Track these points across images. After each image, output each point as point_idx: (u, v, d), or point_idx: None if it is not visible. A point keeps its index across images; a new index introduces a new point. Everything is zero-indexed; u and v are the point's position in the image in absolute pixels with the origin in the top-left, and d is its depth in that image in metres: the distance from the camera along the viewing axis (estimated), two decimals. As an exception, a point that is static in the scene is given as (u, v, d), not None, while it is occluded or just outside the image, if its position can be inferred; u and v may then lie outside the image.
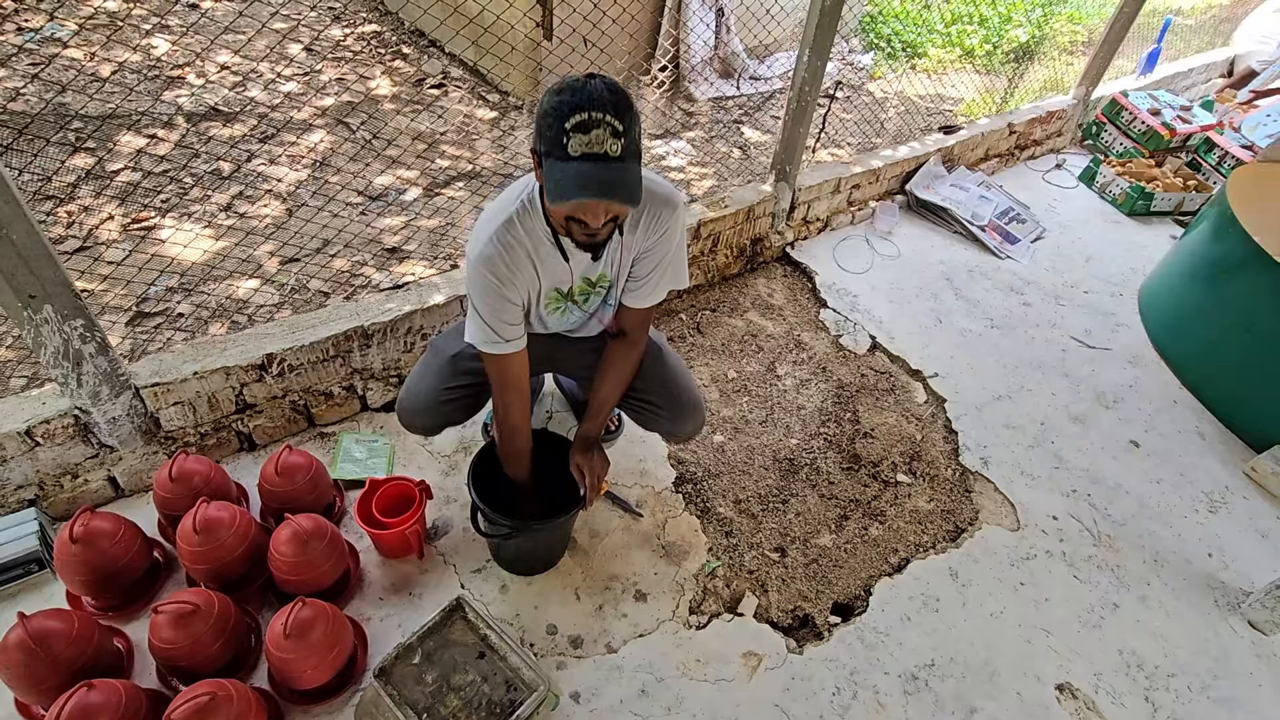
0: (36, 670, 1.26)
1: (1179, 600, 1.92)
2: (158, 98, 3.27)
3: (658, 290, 1.52)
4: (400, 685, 1.39)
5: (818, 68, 2.49)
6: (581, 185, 1.12)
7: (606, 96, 1.12)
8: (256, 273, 2.47)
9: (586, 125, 1.10)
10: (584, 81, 1.12)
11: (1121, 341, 2.83)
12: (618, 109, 1.12)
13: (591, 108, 1.10)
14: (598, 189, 1.13)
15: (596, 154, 1.12)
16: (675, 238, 1.47)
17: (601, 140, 1.11)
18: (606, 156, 1.12)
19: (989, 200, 3.41)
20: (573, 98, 1.11)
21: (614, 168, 1.13)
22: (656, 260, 1.47)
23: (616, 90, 1.14)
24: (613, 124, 1.11)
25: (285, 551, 1.47)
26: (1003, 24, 5.64)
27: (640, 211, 1.40)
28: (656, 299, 1.54)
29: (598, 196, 1.14)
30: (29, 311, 1.42)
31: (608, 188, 1.14)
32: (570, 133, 1.11)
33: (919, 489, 2.11)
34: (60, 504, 1.68)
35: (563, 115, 1.11)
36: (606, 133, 1.11)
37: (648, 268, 1.48)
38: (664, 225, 1.42)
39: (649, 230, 1.42)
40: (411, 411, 1.65)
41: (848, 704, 1.58)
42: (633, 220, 1.41)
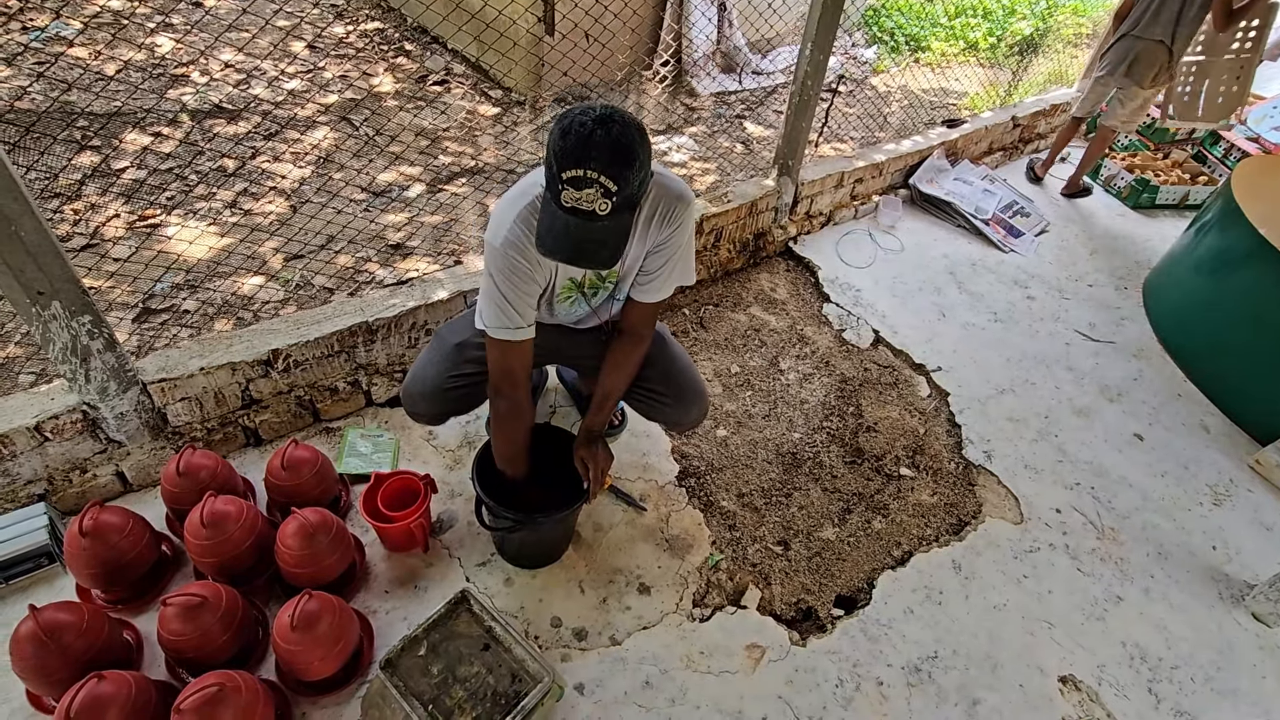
0: (48, 662, 1.28)
1: (1183, 593, 1.92)
2: (162, 96, 3.28)
3: (666, 286, 1.53)
4: (406, 677, 1.40)
5: (820, 61, 2.49)
6: (560, 245, 1.19)
7: (606, 154, 1.11)
8: (261, 269, 2.48)
9: (579, 182, 1.12)
10: (590, 130, 1.11)
11: (1126, 335, 2.82)
12: (615, 165, 1.12)
13: (588, 165, 1.11)
14: (573, 253, 1.19)
15: (584, 211, 1.15)
16: (686, 233, 1.47)
17: (592, 199, 1.14)
18: (594, 215, 1.15)
19: (992, 194, 3.40)
20: (574, 148, 1.12)
21: (597, 227, 1.17)
22: (668, 256, 1.48)
23: (623, 141, 1.13)
24: (605, 185, 1.12)
25: (292, 545, 1.48)
26: (1007, 17, 5.61)
27: (654, 209, 1.41)
28: (664, 295, 1.54)
29: (569, 260, 1.21)
30: (37, 308, 1.43)
31: (582, 253, 1.20)
32: (564, 184, 1.13)
33: (922, 482, 2.11)
34: (69, 499, 1.69)
35: (562, 164, 1.13)
36: (598, 193, 1.13)
37: (659, 263, 1.49)
38: (677, 220, 1.43)
39: (662, 225, 1.43)
40: (415, 397, 1.66)
41: (851, 695, 1.59)
42: (646, 217, 1.41)
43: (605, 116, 1.13)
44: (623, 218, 1.20)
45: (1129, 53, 3.22)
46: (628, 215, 1.21)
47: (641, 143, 1.17)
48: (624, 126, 1.14)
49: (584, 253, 1.20)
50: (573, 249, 1.19)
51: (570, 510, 1.58)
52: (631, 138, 1.14)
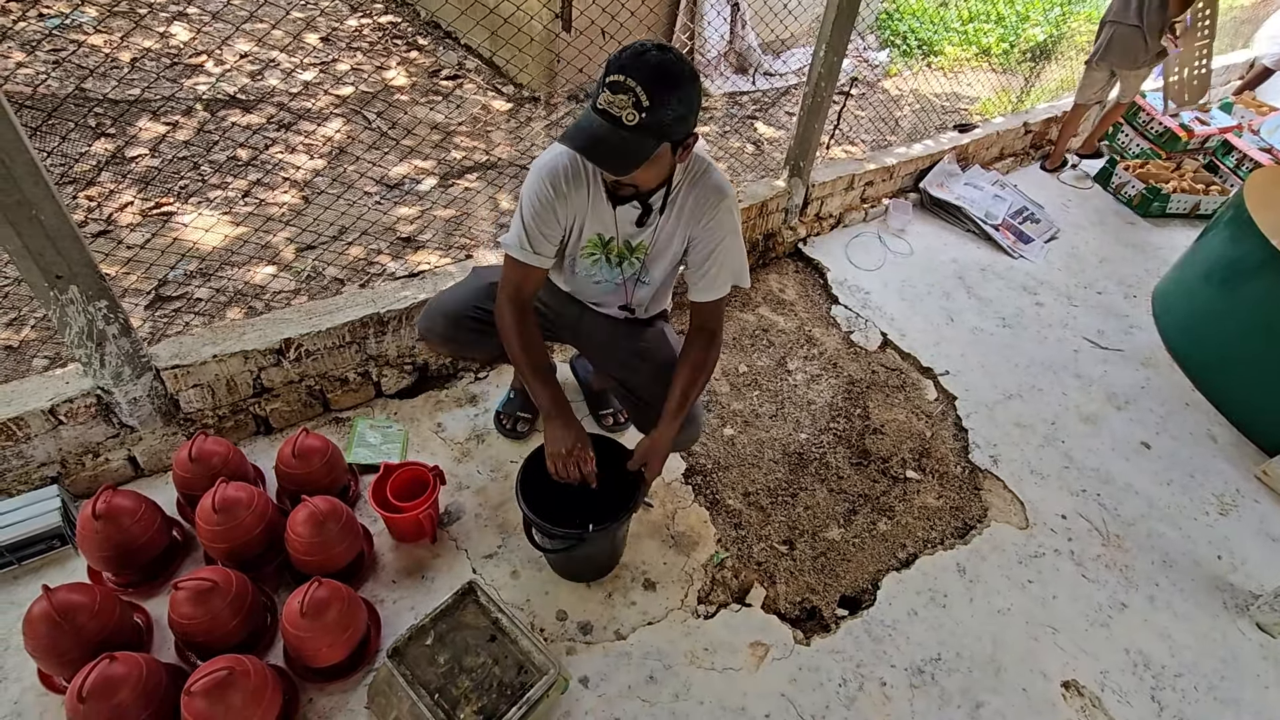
0: (60, 642, 1.29)
1: (1187, 601, 1.92)
2: (177, 85, 3.30)
3: (719, 281, 1.52)
4: (413, 666, 1.41)
5: (834, 63, 2.49)
6: (579, 136, 1.22)
7: (650, 70, 1.17)
8: (274, 259, 2.50)
9: (617, 87, 1.17)
10: (647, 49, 1.18)
11: (1134, 343, 2.82)
12: (656, 84, 1.17)
13: (630, 73, 1.17)
14: (588, 146, 1.22)
15: (612, 115, 1.19)
16: (725, 228, 1.48)
17: (622, 105, 1.18)
18: (620, 121, 1.19)
19: (1003, 199, 3.40)
20: (625, 57, 1.19)
21: (619, 134, 1.20)
22: (710, 249, 1.49)
23: (669, 68, 1.19)
24: (639, 95, 1.17)
25: (302, 532, 1.49)
26: (1020, 23, 5.61)
27: (693, 193, 1.44)
28: (718, 292, 1.54)
29: (583, 152, 1.23)
30: (55, 291, 1.44)
31: (598, 149, 1.22)
32: (604, 88, 1.19)
33: (928, 485, 2.11)
34: (82, 482, 1.71)
35: (609, 68, 1.19)
36: (629, 100, 1.17)
37: (701, 255, 1.50)
38: (710, 212, 1.45)
39: (696, 213, 1.45)
40: (435, 315, 1.66)
41: (854, 695, 1.59)
42: (683, 200, 1.45)
43: (665, 46, 1.21)
44: (646, 139, 1.22)
45: (1109, 38, 3.54)
46: (653, 141, 1.23)
47: (688, 79, 1.22)
48: (678, 60, 1.21)
49: (597, 151, 1.22)
50: (589, 143, 1.22)
51: (619, 523, 1.52)
52: (681, 70, 1.21)
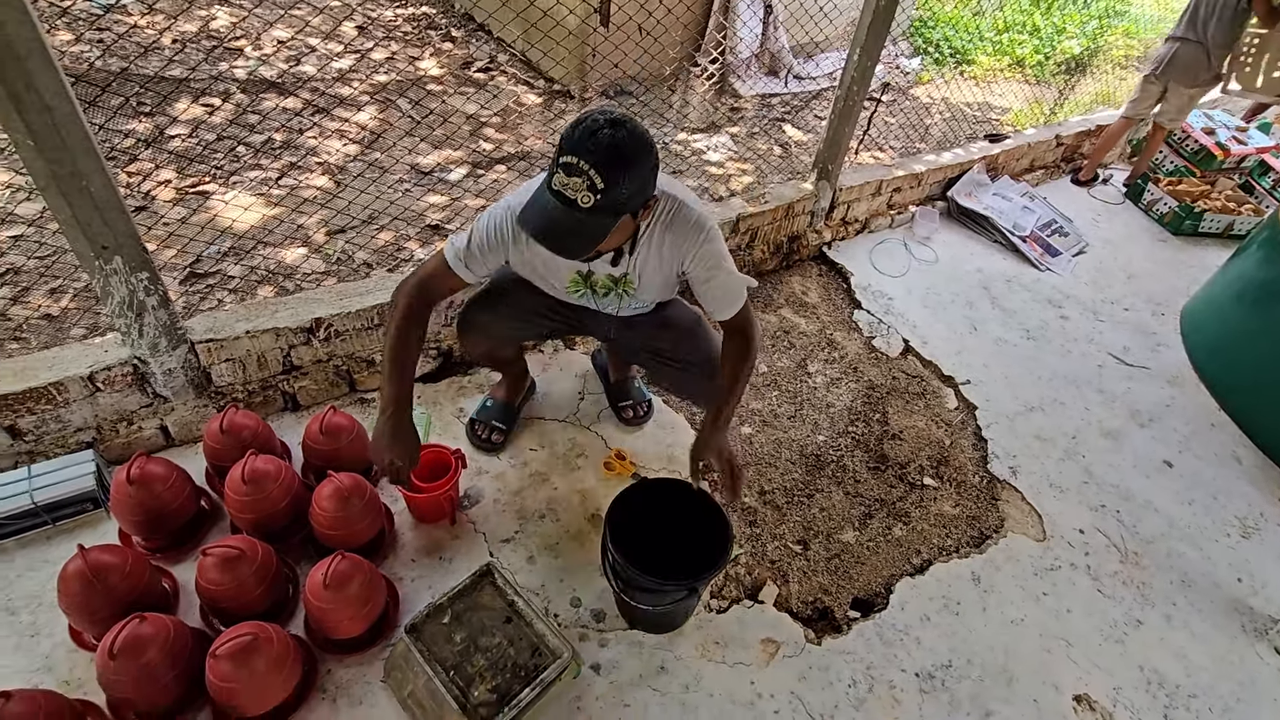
0: (92, 600, 1.33)
1: (1205, 622, 1.90)
2: (216, 68, 3.37)
3: (729, 298, 1.55)
4: (430, 642, 1.43)
5: (868, 68, 2.49)
6: (539, 222, 1.23)
7: (605, 151, 1.16)
8: (305, 241, 2.54)
9: (570, 169, 1.17)
10: (599, 127, 1.17)
11: (1161, 361, 2.79)
12: (609, 165, 1.17)
13: (583, 155, 1.16)
14: (543, 232, 1.23)
15: (567, 198, 1.19)
16: (715, 260, 1.50)
17: (577, 188, 1.18)
18: (575, 204, 1.19)
19: (1031, 211, 3.37)
20: (578, 137, 1.17)
21: (575, 216, 1.21)
22: (707, 279, 1.53)
23: (621, 147, 1.17)
24: (592, 178, 1.16)
25: (327, 507, 1.52)
26: (1056, 35, 5.55)
27: (669, 234, 1.47)
28: (731, 310, 1.56)
29: (537, 237, 1.25)
30: (100, 261, 1.49)
31: (550, 235, 1.23)
32: (559, 168, 1.19)
33: (945, 493, 2.11)
34: (115, 448, 1.75)
35: (561, 149, 1.19)
36: (583, 183, 1.17)
37: (703, 288, 1.54)
38: (694, 249, 1.48)
39: (679, 250, 1.49)
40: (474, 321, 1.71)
41: (863, 697, 1.59)
42: (656, 237, 1.47)
43: (617, 120, 1.19)
44: (603, 218, 1.22)
45: (1169, 53, 3.50)
46: (609, 219, 1.24)
47: (642, 154, 1.21)
48: (631, 134, 1.19)
49: (552, 236, 1.23)
50: (544, 229, 1.23)
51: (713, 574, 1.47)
52: (634, 147, 1.19)
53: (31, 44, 1.19)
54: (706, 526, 1.56)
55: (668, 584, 1.43)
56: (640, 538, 1.51)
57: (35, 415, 1.63)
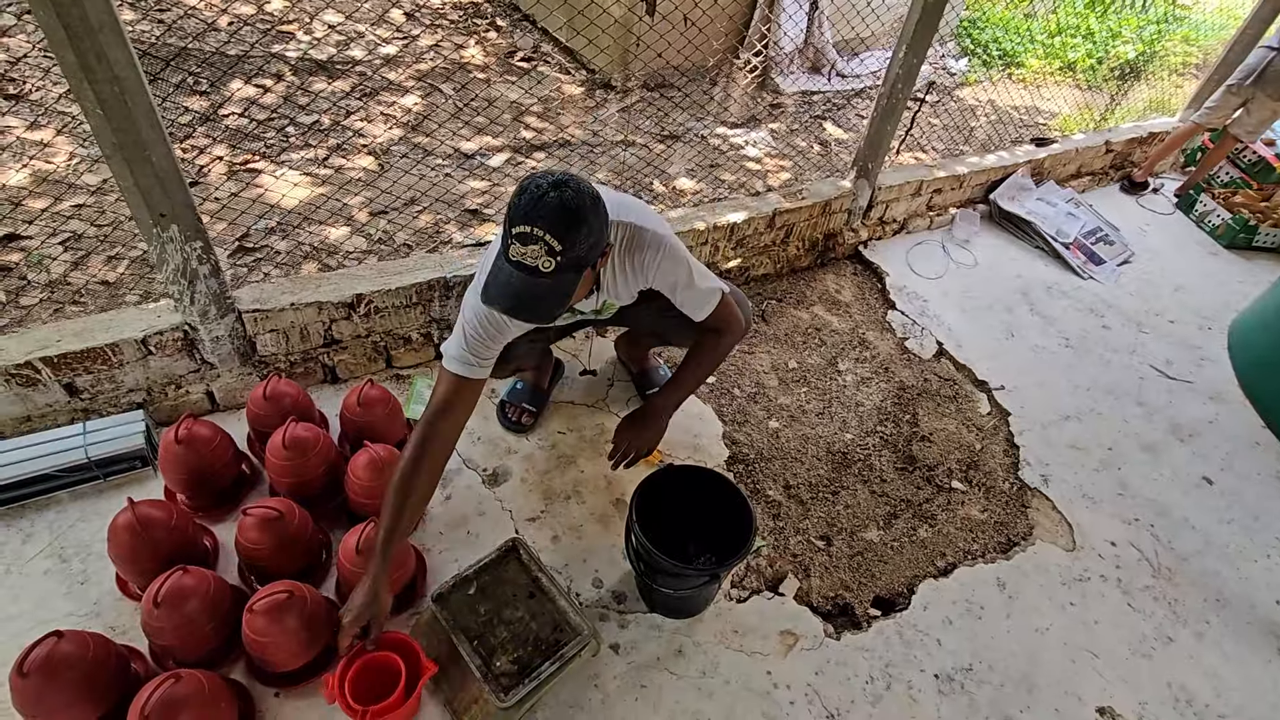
0: (139, 550, 1.39)
1: (1239, 644, 1.85)
2: (269, 50, 3.46)
3: (695, 310, 1.60)
4: (456, 612, 1.47)
5: (914, 65, 2.46)
6: (504, 295, 1.23)
7: (553, 215, 1.16)
8: (348, 221, 2.60)
9: (526, 238, 1.17)
10: (544, 192, 1.17)
11: (1205, 376, 2.71)
12: (562, 227, 1.17)
13: (535, 222, 1.16)
14: (513, 305, 1.23)
15: (528, 266, 1.19)
16: (669, 278, 1.53)
17: (535, 255, 1.18)
18: (537, 271, 1.20)
19: (1076, 218, 3.29)
20: (526, 206, 1.17)
21: (539, 284, 1.21)
22: (673, 289, 1.56)
23: (570, 206, 1.17)
24: (550, 243, 1.17)
25: (362, 475, 1.57)
26: (1110, 39, 5.39)
27: (626, 260, 1.49)
28: (703, 313, 1.61)
29: (511, 313, 1.26)
30: (158, 229, 1.55)
31: (522, 306, 1.23)
32: (513, 239, 1.18)
33: (973, 498, 2.08)
34: (164, 410, 1.83)
35: (513, 219, 1.18)
36: (541, 249, 1.17)
37: (668, 293, 1.58)
38: (654, 268, 1.49)
39: (641, 271, 1.51)
40: None
41: (880, 694, 1.59)
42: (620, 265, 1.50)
43: (560, 182, 1.19)
44: (567, 277, 1.23)
45: (1261, 63, 3.34)
46: (573, 275, 1.24)
47: (592, 210, 1.21)
48: (576, 193, 1.19)
49: (523, 305, 1.23)
50: (513, 301, 1.23)
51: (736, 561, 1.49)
52: (581, 204, 1.19)
53: (104, 16, 1.25)
54: (731, 516, 1.57)
55: (690, 569, 1.44)
56: (665, 523, 1.52)
57: (92, 375, 1.71)
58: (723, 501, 1.60)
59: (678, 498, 1.61)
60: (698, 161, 3.34)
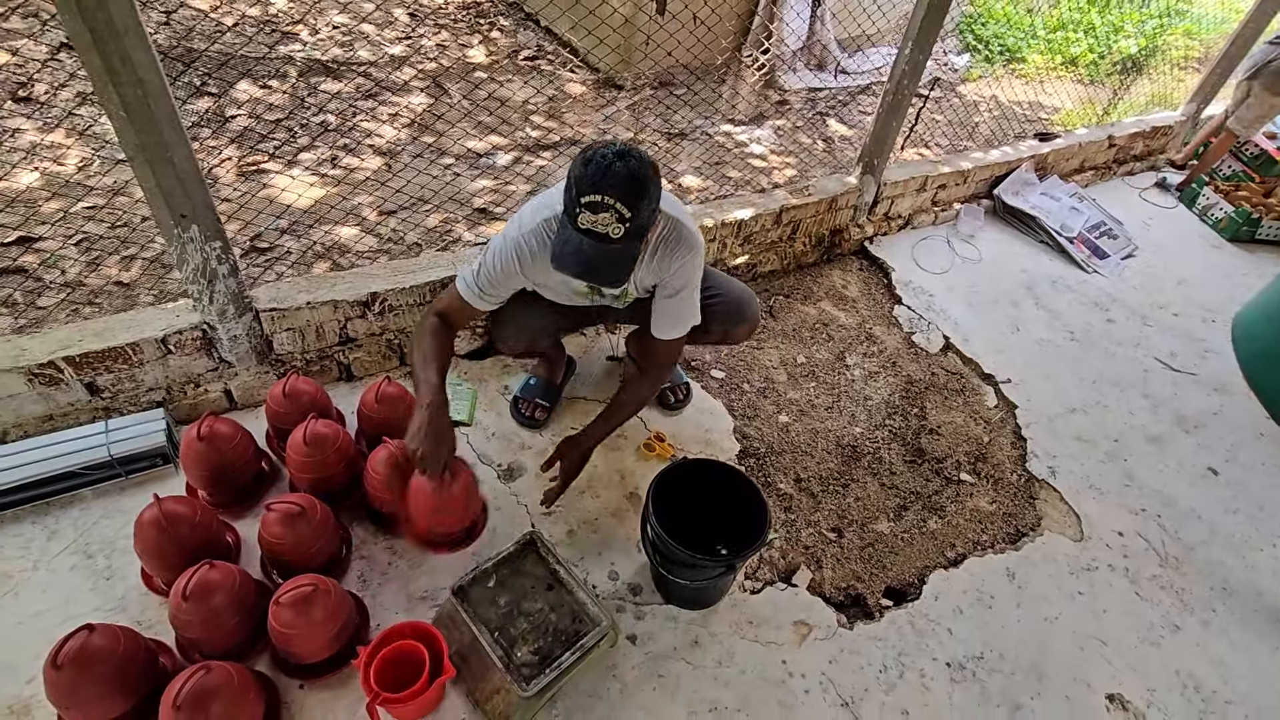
0: (164, 545, 1.42)
1: (1246, 632, 1.88)
2: (275, 51, 3.48)
3: (679, 324, 1.63)
4: (475, 604, 1.49)
5: (919, 61, 2.48)
6: (575, 262, 1.29)
7: (624, 183, 1.23)
8: (358, 222, 2.63)
9: (596, 206, 1.23)
10: (609, 162, 1.23)
11: (1209, 368, 2.73)
12: (631, 195, 1.24)
13: (605, 191, 1.22)
14: (586, 271, 1.30)
15: (598, 234, 1.25)
16: (688, 276, 1.57)
17: (606, 223, 1.24)
18: (607, 238, 1.26)
19: (1080, 212, 3.31)
20: (593, 176, 1.23)
21: (610, 250, 1.28)
22: (674, 290, 1.59)
23: (637, 174, 1.24)
24: (619, 210, 1.23)
25: (381, 471, 1.59)
26: (1112, 34, 5.40)
27: (661, 246, 1.53)
28: (676, 333, 1.64)
29: (584, 277, 1.32)
30: (179, 229, 1.57)
31: (594, 271, 1.30)
32: (582, 208, 1.24)
33: (982, 489, 2.11)
34: (183, 409, 1.85)
35: (581, 189, 1.24)
36: (612, 217, 1.24)
37: (665, 299, 1.61)
38: (678, 263, 1.54)
39: (667, 262, 1.55)
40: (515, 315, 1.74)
41: (894, 682, 1.61)
42: (653, 250, 1.53)
43: (624, 151, 1.25)
44: (633, 243, 1.30)
45: (1266, 57, 3.36)
46: (637, 242, 1.31)
47: (653, 178, 1.28)
48: (640, 161, 1.26)
49: (595, 271, 1.30)
50: (585, 267, 1.29)
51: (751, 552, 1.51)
52: (646, 173, 1.26)
53: (128, 20, 1.27)
54: (744, 508, 1.59)
55: (707, 559, 1.46)
56: (679, 516, 1.55)
57: (113, 374, 1.73)
58: (736, 494, 1.62)
59: (692, 491, 1.63)
60: (704, 159, 3.36)
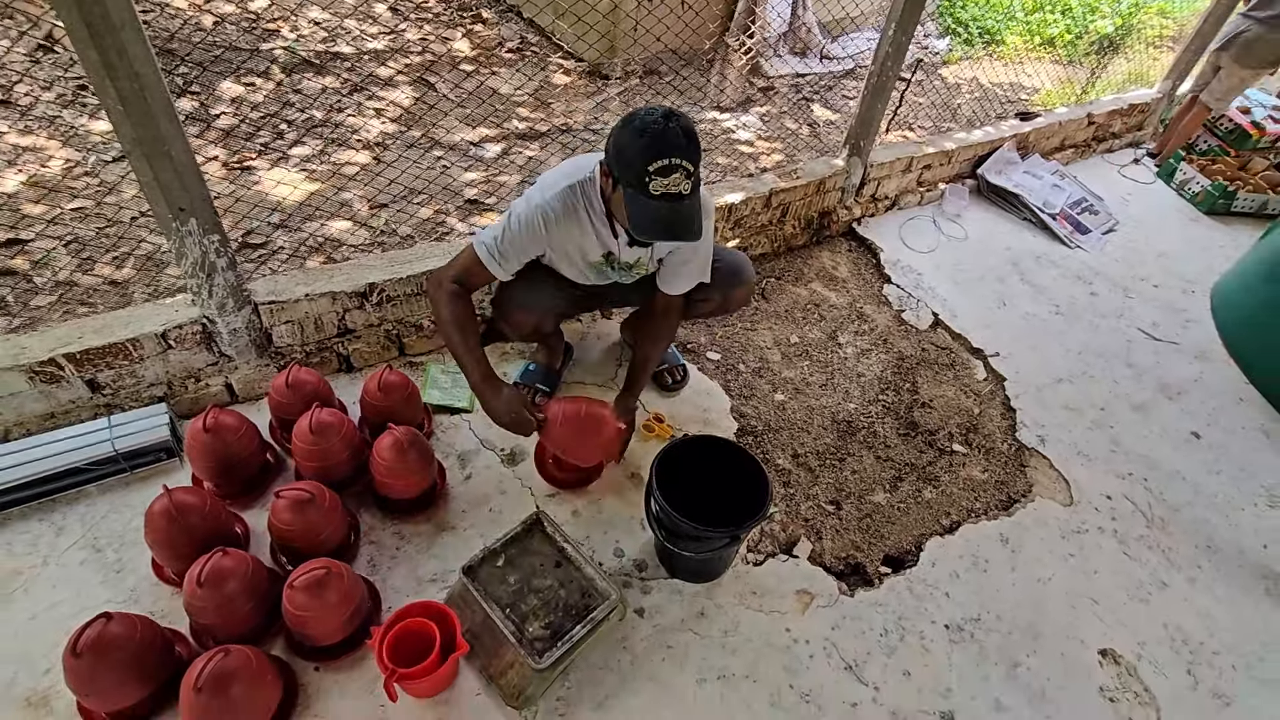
0: (175, 536, 1.43)
1: (1230, 586, 1.94)
2: (257, 48, 3.45)
3: (687, 281, 1.72)
4: (485, 583, 1.52)
5: (902, 43, 2.52)
6: (660, 228, 1.38)
7: (683, 142, 1.32)
8: (350, 216, 2.63)
9: (667, 170, 1.31)
10: (663, 126, 1.31)
11: (1190, 337, 2.80)
12: (691, 153, 1.33)
13: (671, 154, 1.30)
14: (673, 233, 1.39)
15: (673, 194, 1.34)
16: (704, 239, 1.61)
17: (678, 183, 1.33)
18: (681, 196, 1.35)
19: (1062, 189, 3.37)
20: (655, 143, 1.30)
21: (686, 206, 1.37)
22: (688, 256, 1.67)
23: (690, 134, 1.34)
24: (686, 167, 1.32)
25: (386, 456, 1.61)
26: (1087, 14, 5.47)
27: None
28: (686, 288, 1.73)
29: (672, 239, 1.42)
30: (177, 223, 1.58)
31: (681, 229, 1.39)
32: (653, 176, 1.31)
33: (974, 459, 2.16)
34: (184, 404, 1.86)
35: (647, 158, 1.31)
36: (682, 176, 1.32)
37: (680, 258, 1.68)
38: None
39: None
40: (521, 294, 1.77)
41: (895, 645, 1.66)
42: None
43: (669, 113, 1.33)
44: (698, 195, 1.38)
45: (1235, 29, 3.40)
46: (699, 193, 1.39)
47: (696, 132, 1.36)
48: (685, 119, 1.35)
49: (675, 230, 1.39)
50: (668, 230, 1.38)
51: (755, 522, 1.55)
52: (694, 127, 1.35)
53: (125, 14, 1.28)
54: (744, 483, 1.62)
55: (712, 531, 1.50)
56: (683, 492, 1.58)
57: (113, 370, 1.74)
58: (737, 469, 1.66)
59: (693, 467, 1.67)
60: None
